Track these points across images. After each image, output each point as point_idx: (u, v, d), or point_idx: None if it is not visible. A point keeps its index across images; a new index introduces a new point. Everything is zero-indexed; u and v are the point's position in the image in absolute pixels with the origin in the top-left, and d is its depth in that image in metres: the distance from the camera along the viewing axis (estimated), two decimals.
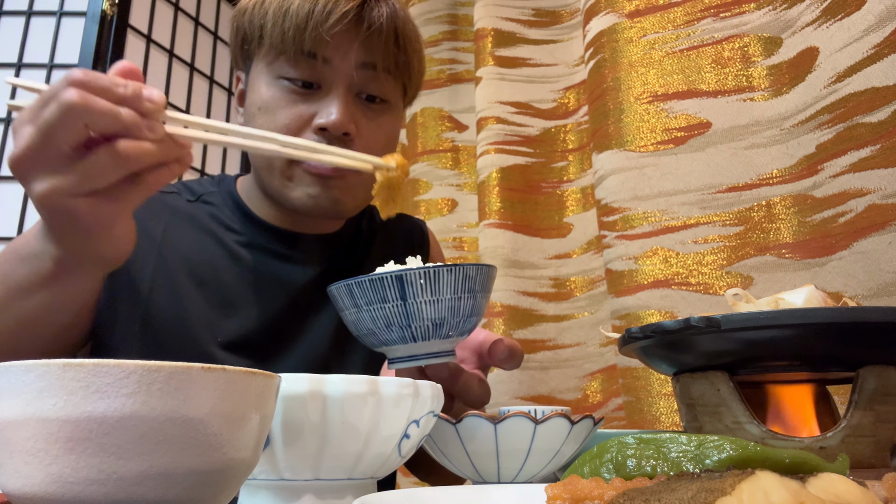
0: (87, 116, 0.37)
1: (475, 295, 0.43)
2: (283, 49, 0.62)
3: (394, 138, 0.70)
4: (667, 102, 1.06)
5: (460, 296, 0.42)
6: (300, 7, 0.61)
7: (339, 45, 0.62)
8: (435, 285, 0.41)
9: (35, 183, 0.40)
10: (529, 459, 0.46)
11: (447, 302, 0.41)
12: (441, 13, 1.63)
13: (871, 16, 0.82)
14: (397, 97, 0.69)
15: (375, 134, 0.66)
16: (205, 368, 0.27)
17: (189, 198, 0.73)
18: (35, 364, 0.26)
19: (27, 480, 0.26)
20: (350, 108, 0.63)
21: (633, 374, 1.01)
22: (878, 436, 0.42)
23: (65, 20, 1.71)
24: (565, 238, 1.32)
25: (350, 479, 0.39)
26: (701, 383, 0.46)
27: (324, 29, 0.60)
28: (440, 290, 0.41)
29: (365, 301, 0.42)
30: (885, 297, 0.79)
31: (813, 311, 0.41)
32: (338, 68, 0.63)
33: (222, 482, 0.28)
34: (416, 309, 0.41)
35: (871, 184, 0.81)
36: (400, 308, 0.41)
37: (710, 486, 0.21)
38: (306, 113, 0.63)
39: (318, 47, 0.62)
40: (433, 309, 0.41)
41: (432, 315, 0.41)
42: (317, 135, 0.62)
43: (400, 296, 0.41)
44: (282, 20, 0.61)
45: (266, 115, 0.64)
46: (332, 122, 0.61)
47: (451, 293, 0.41)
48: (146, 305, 0.64)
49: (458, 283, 0.41)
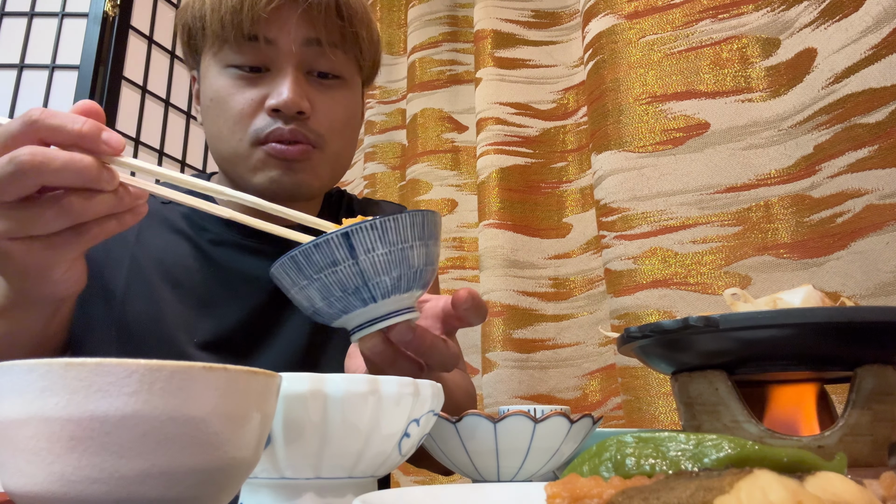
0: (40, 178, 0.35)
1: (426, 242, 0.41)
2: (224, 36, 0.61)
3: (353, 114, 0.68)
4: (665, 103, 1.06)
5: (412, 244, 0.40)
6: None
7: (279, 24, 0.61)
8: (384, 236, 0.39)
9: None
10: (529, 458, 0.46)
11: (399, 252, 0.39)
12: (441, 15, 1.63)
13: (869, 17, 0.82)
14: (352, 72, 0.68)
15: (332, 109, 0.64)
16: (206, 368, 0.27)
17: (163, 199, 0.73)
18: (37, 363, 0.26)
19: (29, 479, 0.26)
20: (301, 85, 0.62)
21: (632, 373, 1.01)
22: (875, 435, 0.42)
23: (67, 21, 1.71)
24: (564, 238, 1.33)
25: (351, 477, 0.39)
26: (699, 382, 0.47)
27: (259, 8, 0.59)
28: (389, 240, 0.39)
29: (314, 270, 0.40)
30: (882, 297, 0.79)
31: (811, 310, 0.41)
32: (282, 48, 0.61)
33: (223, 481, 0.29)
34: (369, 265, 0.39)
35: (868, 184, 0.82)
36: (353, 268, 0.39)
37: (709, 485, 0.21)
38: (258, 96, 0.62)
39: (258, 28, 0.60)
40: (387, 261, 0.39)
41: (387, 268, 0.39)
42: (271, 117, 0.61)
43: (350, 255, 0.39)
44: (219, 6, 0.60)
45: (218, 105, 0.63)
46: (283, 102, 0.60)
47: (401, 242, 0.39)
48: (121, 310, 0.63)
49: (406, 230, 0.39)
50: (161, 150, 1.80)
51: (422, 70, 1.60)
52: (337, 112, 0.65)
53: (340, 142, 0.66)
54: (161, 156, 1.79)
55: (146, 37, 1.79)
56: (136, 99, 1.74)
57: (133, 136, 1.71)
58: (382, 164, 1.73)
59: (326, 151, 0.65)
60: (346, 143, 0.68)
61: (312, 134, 0.63)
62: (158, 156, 1.79)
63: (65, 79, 1.65)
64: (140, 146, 1.73)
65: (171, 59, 1.87)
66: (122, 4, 1.71)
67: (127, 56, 1.72)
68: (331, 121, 0.64)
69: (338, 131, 0.65)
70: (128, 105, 1.71)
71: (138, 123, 1.73)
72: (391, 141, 1.74)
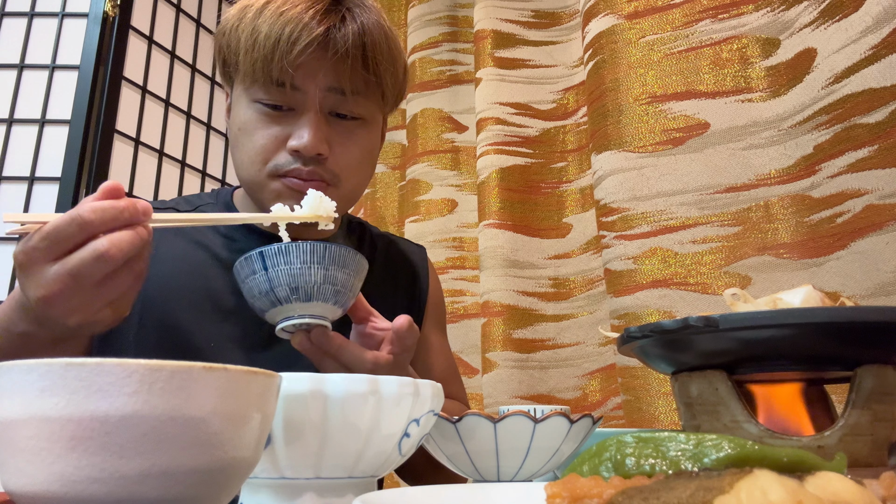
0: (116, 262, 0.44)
1: (325, 267, 0.52)
2: (254, 78, 0.65)
3: (370, 151, 0.72)
4: (665, 103, 1.06)
5: (310, 265, 0.51)
6: (267, 38, 0.62)
7: (307, 73, 0.64)
8: (287, 256, 0.51)
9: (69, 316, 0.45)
10: (529, 458, 0.46)
11: (297, 269, 0.51)
12: (441, 15, 1.63)
13: (869, 17, 0.82)
14: (373, 111, 0.71)
15: (349, 151, 0.68)
16: (206, 368, 0.27)
17: (186, 208, 0.76)
18: (37, 363, 0.26)
19: (30, 479, 0.26)
20: (322, 129, 0.66)
21: (632, 373, 1.01)
22: (875, 435, 0.42)
23: (67, 21, 1.71)
24: (564, 238, 1.33)
25: (351, 477, 0.39)
26: (699, 382, 0.47)
27: (289, 59, 0.62)
28: (290, 260, 0.51)
29: (244, 276, 0.53)
30: (882, 297, 0.79)
31: (811, 310, 0.41)
32: (308, 93, 0.65)
33: (224, 481, 0.29)
34: (275, 275, 0.51)
35: (868, 184, 0.82)
36: (264, 276, 0.52)
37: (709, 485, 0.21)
38: (281, 134, 0.66)
39: (286, 76, 0.64)
40: (287, 274, 0.51)
41: (288, 280, 0.51)
42: (291, 156, 0.65)
43: (263, 267, 0.52)
44: (251, 50, 0.63)
45: (245, 135, 0.67)
46: (303, 145, 0.64)
47: (300, 263, 0.51)
48: (139, 317, 0.66)
49: (305, 254, 0.51)
50: (161, 151, 1.80)
51: (422, 70, 1.60)
52: (354, 153, 0.69)
53: (356, 179, 0.70)
54: (161, 156, 1.79)
55: (146, 37, 1.79)
56: (137, 99, 1.74)
57: (133, 136, 1.71)
58: (382, 164, 1.73)
59: (341, 189, 0.68)
60: (362, 179, 0.72)
61: (328, 174, 0.67)
62: (158, 156, 1.79)
63: (65, 79, 1.65)
64: (140, 146, 1.73)
65: (171, 60, 1.87)
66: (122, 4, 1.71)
67: (127, 56, 1.72)
68: (348, 161, 0.68)
69: (354, 170, 0.69)
70: (128, 105, 1.71)
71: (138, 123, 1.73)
72: (391, 141, 1.74)
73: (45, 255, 0.44)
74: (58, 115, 1.63)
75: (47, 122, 1.63)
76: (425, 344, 0.84)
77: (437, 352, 0.85)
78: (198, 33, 1.99)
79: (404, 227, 1.56)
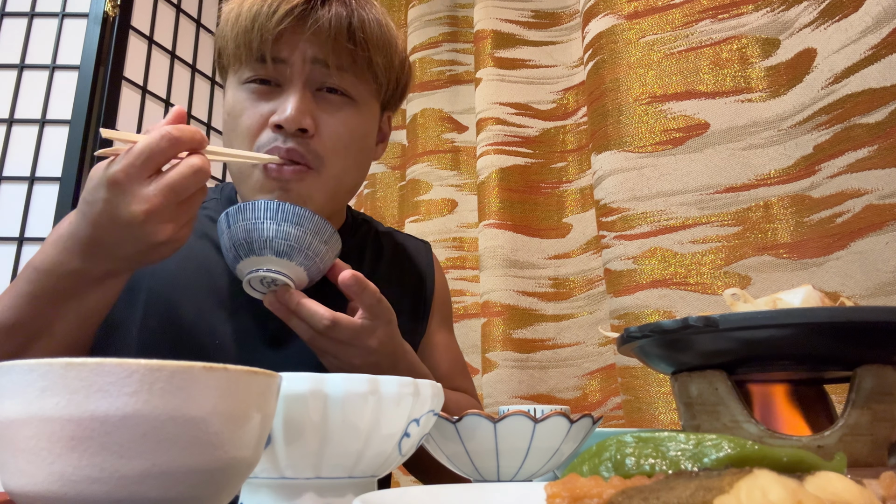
0: (208, 176, 0.48)
1: (278, 223, 0.55)
2: (238, 55, 0.64)
3: (360, 136, 0.68)
4: (665, 103, 1.06)
5: (263, 220, 0.55)
6: (248, 12, 0.62)
7: (288, 44, 0.63)
8: (244, 213, 0.55)
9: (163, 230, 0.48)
10: (529, 458, 0.46)
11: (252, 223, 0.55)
12: (441, 15, 1.63)
13: (869, 17, 0.82)
14: (365, 95, 0.67)
15: (336, 129, 0.65)
16: (206, 368, 0.27)
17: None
18: (37, 363, 0.26)
19: (29, 479, 0.26)
20: (306, 103, 0.63)
21: (632, 373, 1.01)
22: (875, 434, 0.42)
23: (67, 21, 1.71)
24: (564, 238, 1.33)
25: (351, 477, 0.39)
26: (699, 382, 0.47)
27: (268, 29, 0.61)
28: (246, 216, 0.55)
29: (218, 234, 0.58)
30: (882, 297, 0.79)
31: (810, 310, 0.41)
32: (292, 66, 0.63)
33: (224, 481, 0.29)
34: (235, 232, 0.56)
35: (868, 184, 0.82)
36: (227, 234, 0.56)
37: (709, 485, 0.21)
38: (266, 112, 0.63)
39: (267, 48, 0.62)
40: (244, 230, 0.55)
41: (244, 235, 0.55)
42: (274, 132, 0.62)
43: (227, 225, 0.56)
44: (235, 27, 0.63)
45: (232, 119, 0.66)
46: (285, 118, 0.61)
47: (253, 217, 0.55)
48: (143, 312, 0.65)
49: (259, 211, 0.55)
50: None
51: (422, 70, 1.60)
52: (341, 132, 0.65)
53: (341, 164, 0.65)
54: None
55: (146, 37, 1.79)
56: (137, 99, 1.74)
57: None
58: (382, 163, 1.73)
59: (324, 174, 0.64)
60: (348, 165, 0.66)
61: (311, 154, 0.63)
62: None
63: (65, 79, 1.65)
64: None
65: (171, 60, 1.87)
66: (122, 5, 1.71)
67: (127, 56, 1.72)
68: (334, 141, 0.64)
69: (340, 152, 0.65)
70: (128, 105, 1.71)
71: (139, 124, 1.73)
72: (391, 141, 1.74)
73: (142, 170, 0.46)
74: (58, 116, 1.63)
75: (47, 123, 1.63)
76: (432, 339, 0.83)
77: (443, 348, 0.85)
78: (198, 33, 1.99)
79: (404, 228, 1.56)
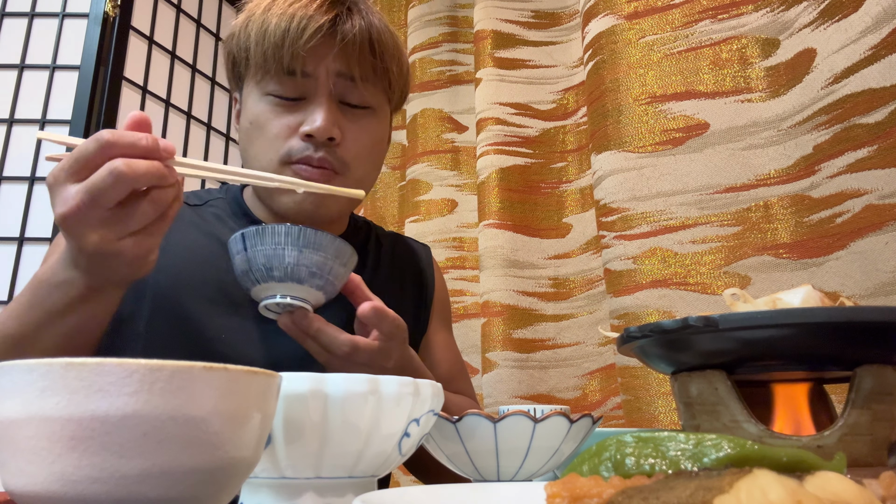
0: (133, 183, 0.45)
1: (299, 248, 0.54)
2: (266, 68, 0.66)
3: (378, 141, 0.73)
4: (665, 103, 1.06)
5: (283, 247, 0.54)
6: (277, 27, 0.65)
7: (316, 59, 0.66)
8: (262, 238, 0.54)
9: (86, 235, 0.46)
10: (529, 458, 0.46)
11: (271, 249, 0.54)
12: (441, 15, 1.63)
13: (869, 17, 0.82)
14: (381, 102, 0.73)
15: (359, 137, 0.70)
16: (206, 368, 0.27)
17: (195, 202, 0.77)
18: (38, 363, 0.26)
19: (30, 479, 0.26)
20: (334, 114, 0.67)
21: (632, 373, 1.01)
22: (875, 434, 0.42)
23: (67, 22, 1.71)
24: (564, 238, 1.33)
25: (351, 477, 0.39)
26: (699, 382, 0.47)
27: (299, 45, 0.64)
28: (265, 241, 0.54)
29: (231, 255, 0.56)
30: (881, 297, 0.79)
31: (810, 310, 0.41)
32: (319, 80, 0.67)
33: (224, 480, 0.29)
34: (253, 255, 0.54)
35: (868, 184, 0.82)
36: (244, 256, 0.55)
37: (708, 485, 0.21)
38: (293, 122, 0.67)
39: (297, 63, 0.66)
40: (263, 255, 0.54)
41: (263, 260, 0.54)
42: (304, 141, 0.66)
43: (243, 247, 0.55)
44: (262, 41, 0.65)
45: (257, 128, 0.68)
46: (316, 129, 0.65)
47: (273, 244, 0.53)
48: (150, 308, 0.66)
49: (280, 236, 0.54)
50: None
51: (422, 70, 1.60)
52: (364, 140, 0.70)
53: (364, 168, 0.71)
54: None
55: (147, 37, 1.79)
56: (137, 99, 1.74)
57: None
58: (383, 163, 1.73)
59: (349, 178, 0.69)
60: (370, 169, 0.73)
61: (338, 162, 0.67)
62: None
63: (65, 79, 1.65)
64: None
65: (171, 60, 1.87)
66: (122, 5, 1.71)
67: (127, 56, 1.72)
68: (357, 149, 0.69)
69: (363, 158, 0.70)
70: (128, 105, 1.71)
71: None
72: (392, 141, 1.74)
73: (69, 175, 0.45)
74: (58, 116, 1.63)
75: (48, 123, 1.63)
76: (431, 342, 0.84)
77: (443, 349, 0.86)
78: (198, 34, 1.99)
79: (404, 228, 1.56)
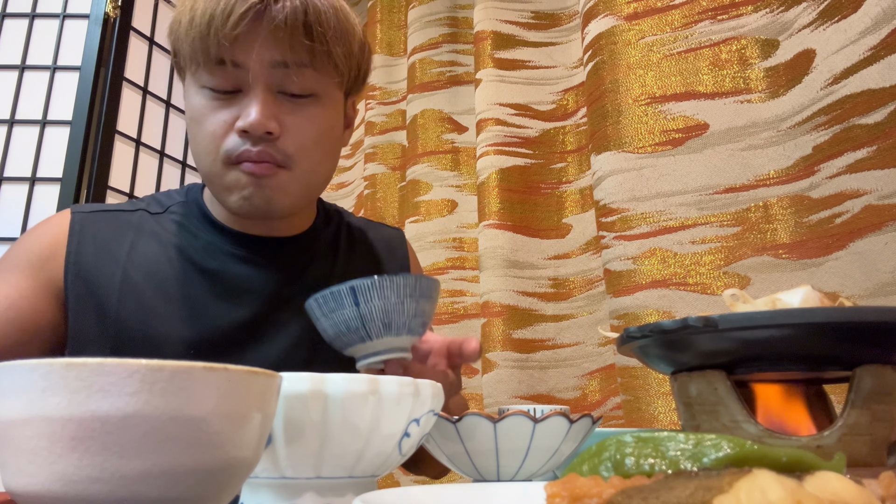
0: None
1: (417, 299, 0.51)
2: (196, 59, 0.62)
3: (327, 129, 0.67)
4: (665, 104, 1.06)
5: (403, 299, 0.51)
6: (203, 13, 0.60)
7: (245, 47, 0.61)
8: (381, 291, 0.50)
9: None
10: (528, 458, 0.46)
11: (393, 304, 0.50)
12: (441, 16, 1.63)
13: (868, 18, 0.83)
14: (327, 87, 0.66)
15: (302, 129, 0.64)
16: (207, 368, 0.27)
17: (157, 210, 0.73)
18: (39, 363, 0.26)
19: (30, 479, 0.26)
20: (269, 107, 0.62)
21: (632, 373, 1.01)
22: (874, 434, 0.42)
23: (68, 22, 1.71)
24: (564, 238, 1.33)
25: (351, 477, 0.39)
26: (698, 382, 0.47)
27: (224, 32, 0.59)
28: (386, 294, 0.50)
29: (329, 310, 0.52)
30: (881, 297, 0.79)
31: (810, 311, 0.42)
32: (251, 70, 0.62)
33: (224, 480, 0.29)
34: (368, 311, 0.50)
35: (867, 185, 0.82)
36: (355, 312, 0.51)
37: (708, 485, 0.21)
38: (229, 118, 0.62)
39: (224, 52, 0.61)
40: (382, 310, 0.50)
41: (382, 315, 0.50)
42: (241, 138, 0.62)
43: (354, 302, 0.50)
44: (190, 29, 0.61)
45: (196, 124, 0.64)
46: (250, 123, 0.61)
47: (395, 297, 0.50)
48: (115, 327, 0.64)
49: (399, 288, 0.50)
50: (162, 151, 1.80)
51: (422, 71, 1.60)
52: (308, 131, 0.65)
53: (312, 160, 0.65)
54: (162, 156, 1.80)
55: (147, 38, 1.79)
56: (138, 100, 1.74)
57: (134, 136, 1.71)
58: (383, 164, 1.73)
59: (296, 171, 0.64)
60: (319, 159, 0.67)
61: (280, 155, 0.63)
62: (159, 157, 1.79)
63: (66, 80, 1.65)
64: (141, 147, 1.74)
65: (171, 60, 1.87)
66: (122, 6, 1.71)
67: (128, 57, 1.72)
68: (301, 141, 0.64)
69: (308, 150, 0.65)
70: (129, 106, 1.71)
71: (139, 124, 1.73)
72: (391, 142, 1.74)
73: None
74: (59, 116, 1.63)
75: (48, 123, 1.63)
76: None
77: None
78: None
79: (405, 228, 1.56)
